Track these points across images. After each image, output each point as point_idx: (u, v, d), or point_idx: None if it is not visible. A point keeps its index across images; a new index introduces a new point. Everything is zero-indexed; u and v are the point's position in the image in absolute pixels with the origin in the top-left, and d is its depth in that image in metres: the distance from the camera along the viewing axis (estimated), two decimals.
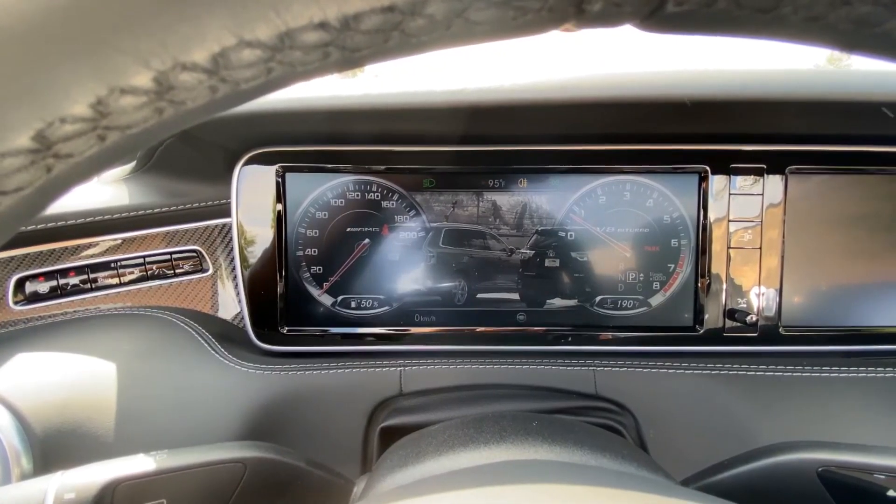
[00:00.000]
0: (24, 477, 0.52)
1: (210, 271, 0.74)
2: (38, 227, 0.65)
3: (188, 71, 0.15)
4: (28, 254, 0.67)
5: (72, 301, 0.69)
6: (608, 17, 0.16)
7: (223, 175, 0.71)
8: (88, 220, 0.67)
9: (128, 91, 0.15)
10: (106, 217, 0.68)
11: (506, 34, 0.16)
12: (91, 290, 0.70)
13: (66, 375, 0.58)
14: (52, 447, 0.54)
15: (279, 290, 0.71)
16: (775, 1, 0.15)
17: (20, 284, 0.67)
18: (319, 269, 0.72)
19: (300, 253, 0.72)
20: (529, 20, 0.16)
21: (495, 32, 0.16)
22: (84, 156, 0.16)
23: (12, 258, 0.66)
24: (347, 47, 0.15)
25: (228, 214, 0.71)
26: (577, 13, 0.16)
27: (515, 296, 0.73)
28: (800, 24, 0.16)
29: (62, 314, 0.69)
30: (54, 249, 0.68)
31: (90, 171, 0.17)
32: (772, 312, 0.71)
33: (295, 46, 0.15)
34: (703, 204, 0.71)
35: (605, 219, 0.72)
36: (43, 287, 0.68)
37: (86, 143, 0.15)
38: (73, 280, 0.69)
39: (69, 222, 0.66)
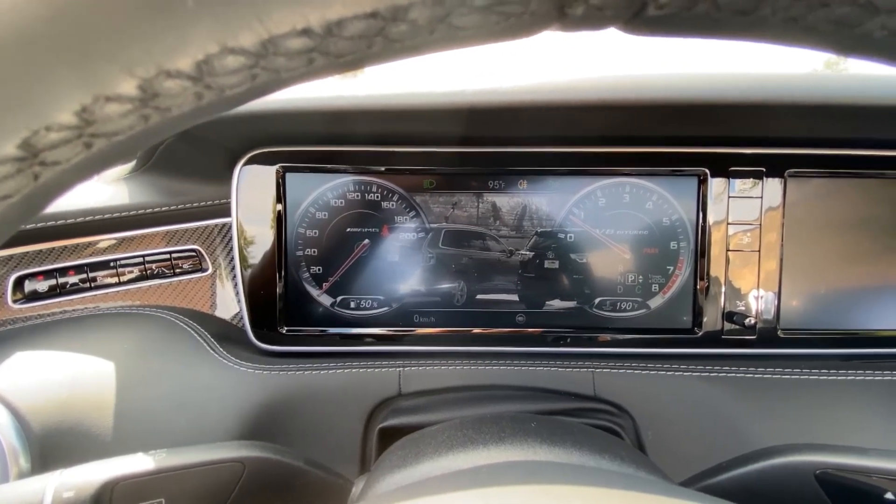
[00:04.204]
0: (21, 476, 0.51)
1: (209, 271, 0.74)
2: (38, 225, 0.65)
3: (173, 78, 0.15)
4: (27, 252, 0.67)
5: (71, 300, 0.69)
6: (590, 20, 0.16)
7: (223, 175, 0.71)
8: (88, 218, 0.67)
9: (113, 99, 0.15)
10: (106, 216, 0.68)
11: (490, 38, 0.17)
12: (90, 288, 0.70)
13: (65, 374, 0.58)
14: (50, 446, 0.54)
15: (278, 290, 0.71)
16: (754, 4, 0.15)
17: (19, 283, 0.67)
18: (319, 270, 0.72)
19: (300, 253, 0.72)
20: (512, 24, 0.16)
21: (479, 37, 0.16)
22: (71, 163, 0.16)
23: (11, 256, 0.66)
24: (331, 53, 0.16)
25: (228, 214, 0.71)
26: (559, 17, 0.16)
27: (515, 297, 0.73)
28: (780, 26, 0.16)
29: (61, 313, 0.69)
30: (53, 248, 0.68)
31: (77, 178, 0.17)
32: (770, 315, 0.71)
33: (279, 53, 0.15)
34: (702, 206, 0.71)
35: (605, 221, 0.72)
36: (42, 286, 0.68)
37: (72, 150, 0.16)
38: (73, 279, 0.69)
39: (69, 221, 0.66)
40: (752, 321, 0.71)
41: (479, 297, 0.73)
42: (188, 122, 0.17)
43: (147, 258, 0.72)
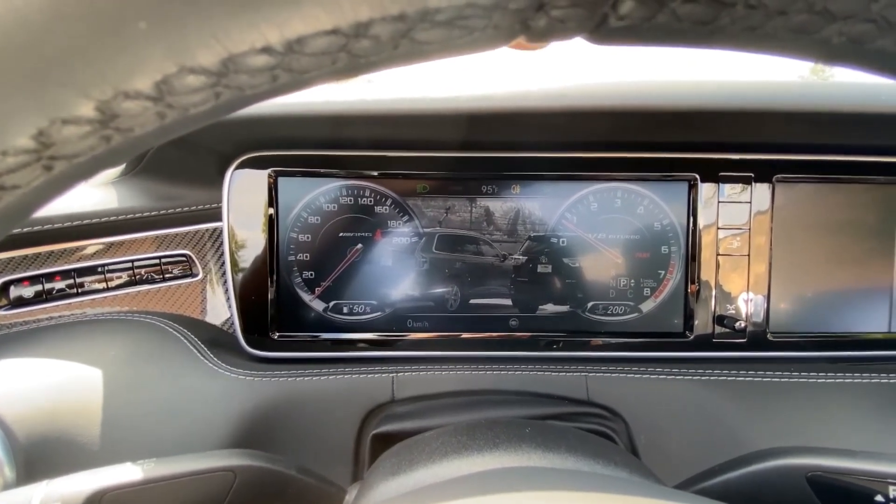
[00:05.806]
0: (6, 487, 0.50)
1: (200, 276, 0.73)
2: (24, 230, 0.64)
3: (132, 99, 0.15)
4: (13, 257, 0.66)
5: (57, 306, 0.68)
6: (554, 32, 0.16)
7: (215, 179, 0.70)
8: (76, 223, 0.66)
9: (70, 121, 0.14)
10: (94, 220, 0.67)
11: (455, 52, 0.17)
12: (77, 294, 0.69)
13: (51, 382, 0.57)
14: (36, 455, 0.52)
15: (270, 295, 0.71)
16: (713, 13, 0.16)
17: (4, 289, 0.66)
18: (311, 275, 0.72)
19: (292, 258, 0.72)
20: (476, 38, 0.16)
21: (444, 51, 0.16)
22: (31, 186, 0.16)
23: None
24: (295, 69, 0.15)
25: (219, 219, 0.71)
26: (523, 29, 0.16)
27: (508, 301, 0.73)
28: (740, 35, 0.16)
29: (48, 319, 0.68)
30: (40, 253, 0.67)
31: (40, 201, 0.17)
32: (760, 318, 0.72)
33: (240, 71, 0.15)
34: (692, 211, 0.72)
35: (597, 225, 0.73)
36: (28, 291, 0.67)
37: (31, 173, 0.15)
38: (60, 284, 0.68)
39: (55, 225, 0.65)
40: (742, 324, 0.71)
41: (472, 301, 0.73)
42: (155, 141, 0.17)
43: (136, 263, 0.71)
